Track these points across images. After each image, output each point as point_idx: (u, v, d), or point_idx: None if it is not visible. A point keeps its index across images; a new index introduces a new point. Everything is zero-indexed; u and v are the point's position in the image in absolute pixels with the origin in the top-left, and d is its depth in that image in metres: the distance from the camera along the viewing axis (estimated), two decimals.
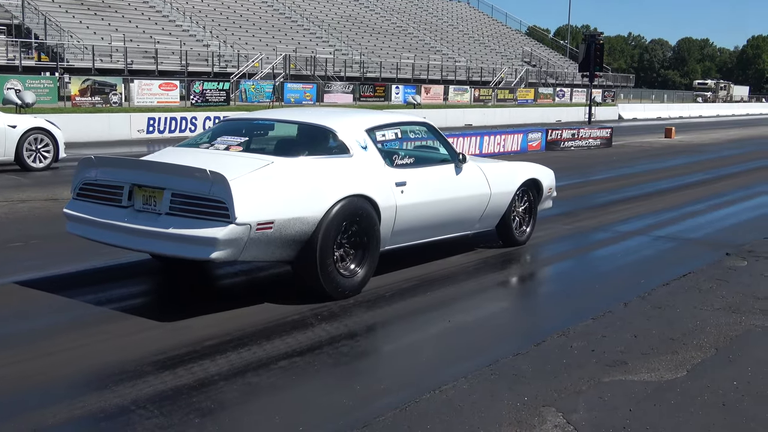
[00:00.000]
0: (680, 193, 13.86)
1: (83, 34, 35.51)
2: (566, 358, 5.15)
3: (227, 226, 5.58)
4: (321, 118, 7.30)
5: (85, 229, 6.41)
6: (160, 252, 6.07)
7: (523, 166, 8.96)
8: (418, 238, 7.43)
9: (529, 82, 57.68)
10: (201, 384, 4.57)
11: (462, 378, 4.74)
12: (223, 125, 7.47)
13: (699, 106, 64.55)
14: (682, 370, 4.98)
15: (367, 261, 6.59)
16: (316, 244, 6.10)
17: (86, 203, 6.46)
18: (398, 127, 7.52)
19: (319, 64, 43.38)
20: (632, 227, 10.22)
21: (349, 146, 6.80)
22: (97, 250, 7.47)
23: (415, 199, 7.07)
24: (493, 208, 8.23)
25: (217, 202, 5.65)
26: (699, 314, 6.24)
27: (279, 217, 5.86)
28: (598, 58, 32.29)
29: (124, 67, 34.45)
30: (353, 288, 6.49)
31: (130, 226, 5.99)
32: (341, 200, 6.28)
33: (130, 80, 29.22)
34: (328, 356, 5.12)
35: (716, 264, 8.09)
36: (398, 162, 7.15)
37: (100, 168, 6.45)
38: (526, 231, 8.86)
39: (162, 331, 5.51)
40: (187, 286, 6.83)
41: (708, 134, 34.36)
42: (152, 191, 6.01)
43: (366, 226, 6.52)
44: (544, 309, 6.70)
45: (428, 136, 8.02)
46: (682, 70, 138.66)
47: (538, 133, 22.94)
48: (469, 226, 8.12)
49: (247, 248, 5.74)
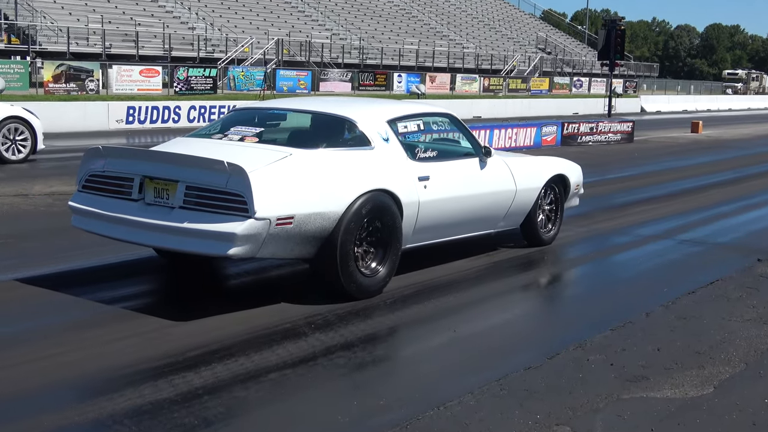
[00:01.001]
0: (707, 194, 13.87)
1: (57, 15, 35.53)
2: (582, 372, 5.15)
3: (246, 220, 5.70)
4: (340, 108, 7.45)
5: (91, 223, 6.55)
6: (173, 248, 6.21)
7: (549, 161, 9.15)
8: (440, 236, 7.59)
9: (543, 70, 57.70)
10: (183, 398, 4.57)
11: (468, 393, 4.74)
12: (235, 114, 7.61)
13: (728, 99, 64.58)
14: (708, 387, 4.98)
15: (389, 259, 6.74)
16: (336, 240, 6.24)
17: (92, 196, 6.57)
18: (421, 118, 7.72)
19: (314, 49, 43.40)
20: (655, 230, 10.22)
21: (371, 138, 6.94)
22: (64, 252, 7.47)
23: (438, 195, 7.22)
24: (518, 205, 8.37)
25: (234, 195, 5.76)
26: (727, 326, 6.24)
27: (299, 212, 5.99)
28: (619, 46, 32.23)
29: (101, 52, 34.48)
30: (374, 287, 6.64)
31: (140, 220, 6.10)
32: (363, 195, 6.42)
33: (108, 66, 29.23)
34: (322, 368, 5.11)
35: (746, 271, 8.09)
36: (421, 155, 7.29)
37: (109, 159, 6.55)
38: (552, 230, 9.03)
39: (140, 340, 5.50)
40: (169, 291, 6.83)
41: (738, 129, 34.38)
42: (165, 184, 6.11)
43: (388, 222, 6.67)
44: (559, 319, 6.70)
45: (451, 128, 8.20)
46: (711, 59, 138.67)
47: (553, 127, 22.94)
48: (493, 224, 8.27)
49: (265, 244, 5.87)
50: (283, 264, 7.72)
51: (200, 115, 25.96)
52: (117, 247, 7.96)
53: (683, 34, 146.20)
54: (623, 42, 32.53)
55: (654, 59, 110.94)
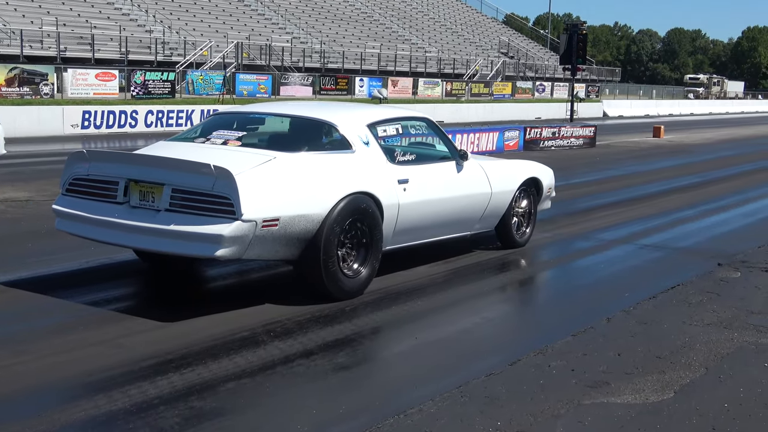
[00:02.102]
0: (669, 198, 14.04)
1: (10, 17, 35.06)
2: (543, 378, 5.18)
3: (233, 222, 5.87)
4: (320, 112, 7.67)
5: (76, 226, 6.70)
6: (160, 249, 6.34)
7: (523, 164, 9.43)
8: (418, 238, 7.81)
9: (506, 75, 58.04)
10: (138, 408, 4.53)
11: (429, 401, 4.74)
12: (216, 119, 7.79)
13: (690, 103, 65.47)
14: (669, 392, 5.04)
15: (370, 261, 6.96)
16: (320, 242, 6.44)
17: (76, 199, 6.71)
18: (399, 122, 8.02)
19: (275, 53, 43.26)
20: (616, 235, 10.33)
21: (351, 142, 7.15)
22: (15, 260, 7.36)
23: (417, 197, 7.45)
24: (493, 208, 8.62)
25: (221, 198, 5.93)
26: (688, 330, 6.32)
27: (284, 214, 6.19)
28: (581, 50, 32.57)
29: (56, 55, 34.04)
30: (356, 289, 6.85)
31: (126, 222, 6.25)
32: (345, 197, 6.62)
33: (63, 69, 28.87)
34: (280, 377, 5.10)
35: (707, 275, 8.20)
36: (400, 159, 7.53)
37: (93, 162, 6.69)
38: (527, 232, 9.29)
39: (96, 350, 5.45)
40: (124, 299, 6.76)
41: (700, 133, 34.85)
42: (150, 187, 6.27)
43: (369, 224, 6.89)
44: (521, 325, 6.74)
45: (429, 131, 8.47)
46: (672, 63, 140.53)
47: (516, 132, 23.10)
48: (469, 226, 8.51)
49: (251, 246, 6.04)
50: (240, 271, 7.69)
51: (158, 120, 25.77)
52: (69, 255, 7.89)
53: (645, 38, 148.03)
54: (585, 46, 32.87)
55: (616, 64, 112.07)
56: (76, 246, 8.26)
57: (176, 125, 26.23)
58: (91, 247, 8.14)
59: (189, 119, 26.60)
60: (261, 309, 6.47)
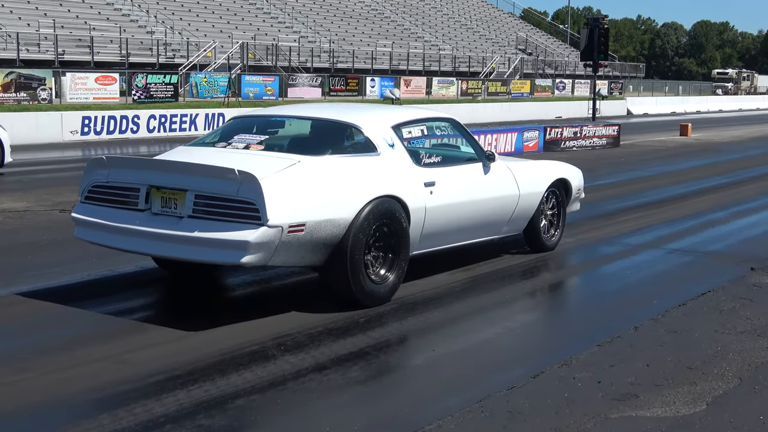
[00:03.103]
0: (698, 200, 13.99)
1: (6, 20, 35.30)
2: (568, 391, 5.17)
3: (259, 228, 6.01)
4: (343, 114, 7.84)
5: (96, 234, 6.85)
6: (183, 257, 6.46)
7: (551, 165, 9.62)
8: (445, 242, 7.96)
9: (524, 72, 58.02)
10: (144, 428, 4.53)
11: (448, 416, 4.74)
12: (235, 122, 7.92)
13: (718, 99, 65.22)
14: (701, 404, 5.01)
15: (398, 266, 7.09)
16: (346, 247, 6.56)
17: (96, 207, 6.86)
18: (424, 123, 8.17)
19: (281, 53, 43.39)
20: (643, 239, 10.30)
21: (377, 144, 7.28)
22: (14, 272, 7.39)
23: (444, 201, 7.57)
24: (521, 210, 8.75)
25: (246, 203, 6.06)
26: (720, 339, 6.29)
27: (310, 219, 6.32)
28: (602, 45, 32.55)
29: (54, 58, 34.26)
30: (383, 295, 6.97)
31: (148, 230, 6.38)
32: (371, 201, 6.74)
33: (61, 73, 29.09)
34: (292, 393, 5.10)
35: (739, 281, 8.16)
36: (426, 161, 7.69)
37: (113, 169, 6.83)
38: (556, 234, 9.42)
39: (100, 366, 5.46)
40: (128, 313, 6.78)
41: (729, 131, 34.72)
42: (173, 193, 6.40)
43: (396, 228, 7.02)
44: (543, 335, 6.72)
45: (454, 132, 8.62)
46: (699, 57, 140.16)
47: (535, 132, 23.07)
48: (497, 230, 8.65)
49: (277, 252, 6.19)
50: (248, 282, 7.71)
51: (161, 125, 25.86)
52: (69, 267, 7.93)
53: (670, 32, 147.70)
54: (607, 41, 32.87)
55: (640, 59, 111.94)
56: (77, 258, 8.32)
57: (180, 130, 26.32)
58: (92, 258, 8.20)
59: (193, 123, 26.69)
60: (271, 321, 6.48)
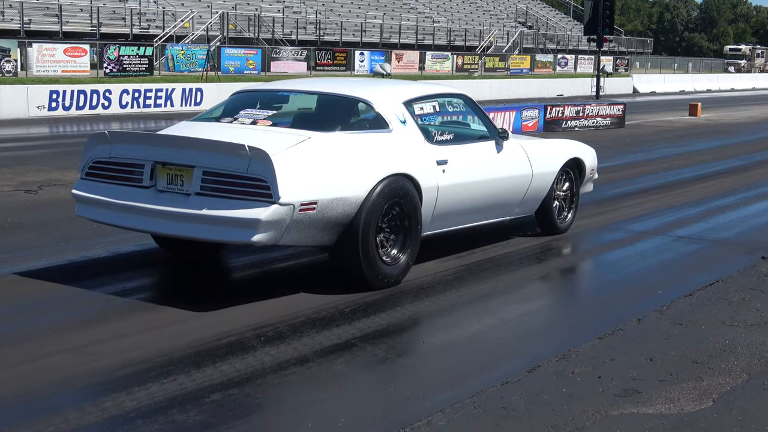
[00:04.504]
0: (706, 184, 14.03)
1: None
2: (566, 386, 5.18)
3: (270, 206, 6.16)
4: (353, 89, 8.05)
5: (97, 212, 7.02)
6: (190, 236, 6.60)
7: (565, 143, 9.85)
8: (457, 223, 8.16)
9: (524, 47, 57.98)
10: (113, 423, 4.54)
11: (438, 412, 4.75)
12: (239, 97, 8.14)
13: (731, 77, 65.31)
14: (707, 400, 5.04)
15: (409, 247, 7.28)
16: (358, 227, 6.73)
17: (98, 184, 7.01)
18: (436, 99, 8.34)
19: (264, 24, 43.23)
20: (648, 225, 10.33)
21: (388, 120, 7.46)
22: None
23: (457, 180, 7.76)
24: (534, 191, 8.96)
25: (257, 180, 6.21)
26: (728, 332, 6.32)
27: (322, 198, 6.47)
28: (607, 19, 32.54)
29: (20, 28, 34.07)
30: (395, 276, 7.16)
31: (153, 207, 6.53)
32: (384, 179, 6.90)
33: (27, 44, 28.89)
34: (272, 386, 5.10)
35: (749, 270, 8.20)
36: (438, 138, 7.86)
37: (116, 144, 6.96)
38: (568, 217, 9.63)
39: (63, 358, 5.46)
40: (94, 303, 6.77)
41: (741, 111, 34.80)
42: (179, 169, 6.55)
43: (408, 208, 7.19)
44: (539, 327, 6.73)
45: (466, 109, 8.78)
46: (711, 33, 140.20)
47: (535, 111, 23.08)
48: (509, 211, 8.85)
49: (288, 231, 6.35)
50: (226, 268, 7.71)
51: (134, 100, 25.76)
52: (31, 252, 7.91)
53: (680, 5, 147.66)
54: (612, 14, 32.87)
55: (648, 34, 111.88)
56: (41, 243, 8.30)
57: (155, 106, 26.23)
58: (60, 243, 8.18)
59: (169, 99, 26.60)
60: (250, 311, 6.48)
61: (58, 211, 9.68)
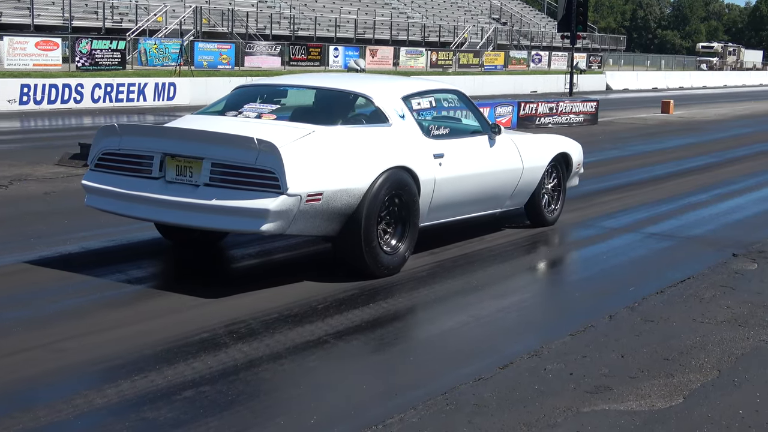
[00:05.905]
0: (678, 181, 14.11)
1: None
2: (538, 383, 5.20)
3: (279, 197, 6.40)
4: (352, 84, 8.29)
5: (107, 202, 7.23)
6: (200, 225, 6.85)
7: (553, 138, 10.23)
8: (452, 215, 8.50)
9: (498, 43, 58.09)
10: (84, 419, 4.51)
11: (411, 409, 4.75)
12: (241, 92, 8.37)
13: (703, 75, 65.76)
14: (678, 397, 5.07)
15: (408, 237, 7.57)
16: (360, 217, 6.99)
17: (107, 174, 7.22)
18: (432, 94, 8.67)
19: (238, 18, 43.07)
20: (620, 222, 10.37)
21: (387, 114, 7.75)
22: None
23: (452, 173, 8.07)
24: (524, 184, 9.28)
25: (264, 171, 6.44)
26: (699, 329, 6.35)
27: (327, 189, 6.73)
28: (581, 15, 32.66)
29: None
30: (395, 265, 7.45)
31: (163, 198, 6.75)
32: (385, 171, 7.17)
33: None
34: (244, 384, 5.08)
35: (720, 267, 8.25)
36: (434, 132, 8.16)
37: (125, 136, 7.19)
38: (556, 209, 9.99)
39: (33, 355, 5.42)
40: (62, 298, 6.73)
41: (713, 109, 35.03)
42: (188, 161, 6.78)
43: (407, 199, 7.49)
44: (511, 324, 6.74)
45: (460, 105, 9.13)
46: (683, 30, 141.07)
47: (509, 107, 23.12)
48: (501, 203, 9.21)
49: (295, 221, 6.61)
50: (198, 261, 7.68)
51: (106, 95, 25.61)
52: (1, 248, 7.84)
53: (653, 2, 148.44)
54: (586, 11, 33.00)
55: (621, 31, 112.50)
56: (7, 239, 8.23)
57: (127, 100, 26.09)
58: (30, 238, 8.12)
59: (141, 93, 26.45)
60: (222, 307, 6.46)
61: (29, 206, 9.60)
